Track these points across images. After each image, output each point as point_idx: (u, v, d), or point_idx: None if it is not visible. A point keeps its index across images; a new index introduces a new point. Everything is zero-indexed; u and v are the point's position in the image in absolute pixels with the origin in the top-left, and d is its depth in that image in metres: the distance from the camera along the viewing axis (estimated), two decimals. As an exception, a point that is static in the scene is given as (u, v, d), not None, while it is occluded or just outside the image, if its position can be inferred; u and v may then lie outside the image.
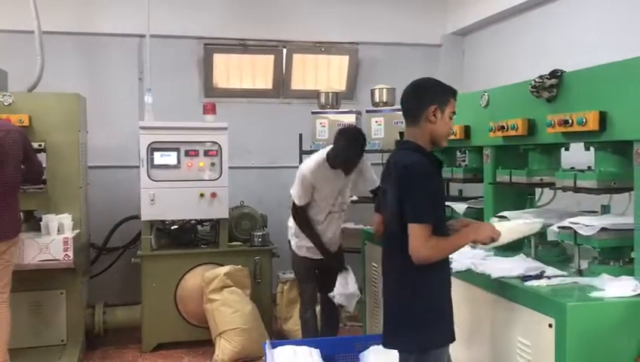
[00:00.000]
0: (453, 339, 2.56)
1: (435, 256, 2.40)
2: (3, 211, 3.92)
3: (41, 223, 4.41)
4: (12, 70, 5.02)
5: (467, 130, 3.59)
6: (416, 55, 6.41)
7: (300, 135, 5.44)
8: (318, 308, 4.38)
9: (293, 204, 4.14)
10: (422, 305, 2.47)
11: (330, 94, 5.74)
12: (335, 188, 4.09)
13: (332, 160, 4.00)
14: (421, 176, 2.41)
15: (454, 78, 5.97)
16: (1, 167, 3.90)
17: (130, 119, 5.51)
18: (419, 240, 2.34)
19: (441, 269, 2.51)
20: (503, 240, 2.63)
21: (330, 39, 6.30)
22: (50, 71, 5.09)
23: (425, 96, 2.52)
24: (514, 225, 2.80)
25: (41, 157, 4.46)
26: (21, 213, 4.26)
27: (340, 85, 6.38)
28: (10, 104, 4.46)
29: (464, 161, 4.10)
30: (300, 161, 5.03)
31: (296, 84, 6.38)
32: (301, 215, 4.12)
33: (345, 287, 4.07)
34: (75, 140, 4.69)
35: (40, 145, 4.48)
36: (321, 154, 4.09)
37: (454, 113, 2.57)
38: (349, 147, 3.91)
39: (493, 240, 2.56)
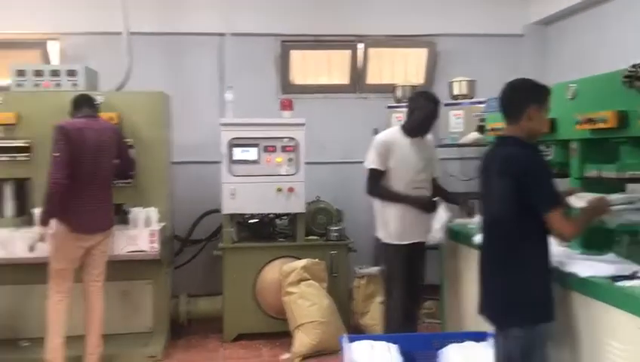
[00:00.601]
0: (555, 317, 2.68)
1: (578, 232, 2.67)
2: (99, 205, 4.14)
3: (130, 216, 4.62)
4: (102, 70, 5.28)
5: (552, 123, 3.45)
6: (497, 46, 6.24)
7: (375, 130, 5.41)
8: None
9: (368, 174, 4.06)
10: (534, 281, 2.64)
11: (407, 88, 5.69)
12: (413, 157, 4.03)
13: (409, 122, 4.08)
14: (541, 167, 2.66)
15: (537, 69, 5.79)
16: (96, 163, 4.11)
17: (211, 116, 5.64)
18: (561, 224, 2.56)
19: (547, 251, 2.67)
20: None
21: (407, 32, 6.23)
22: (137, 70, 5.32)
23: (526, 97, 2.72)
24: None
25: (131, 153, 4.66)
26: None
27: (418, 78, 6.30)
28: (100, 103, 4.68)
29: (549, 155, 3.94)
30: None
31: (373, 78, 6.35)
32: (374, 182, 4.04)
33: (438, 223, 4.00)
34: (160, 137, 4.89)
35: (129, 142, 4.68)
36: (396, 126, 4.23)
37: (549, 110, 2.78)
38: (426, 102, 4.02)
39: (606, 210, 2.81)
